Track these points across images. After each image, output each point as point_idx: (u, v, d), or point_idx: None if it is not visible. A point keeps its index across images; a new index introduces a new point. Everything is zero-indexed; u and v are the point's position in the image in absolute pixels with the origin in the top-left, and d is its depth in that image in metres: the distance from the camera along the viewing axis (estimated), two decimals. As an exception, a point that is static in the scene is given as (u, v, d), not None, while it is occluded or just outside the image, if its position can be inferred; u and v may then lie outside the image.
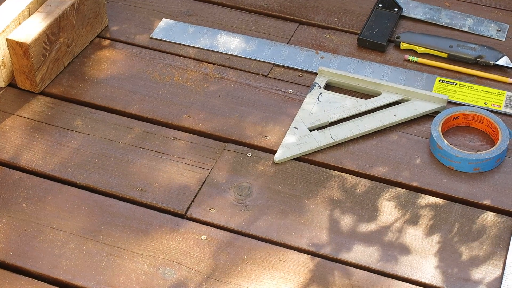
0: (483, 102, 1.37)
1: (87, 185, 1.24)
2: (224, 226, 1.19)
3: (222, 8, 1.59)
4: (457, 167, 1.25)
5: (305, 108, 1.35)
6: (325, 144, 1.29)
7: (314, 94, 1.37)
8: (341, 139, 1.30)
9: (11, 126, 1.34)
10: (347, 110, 1.34)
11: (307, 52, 1.48)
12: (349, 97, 1.36)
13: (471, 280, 1.11)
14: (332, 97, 1.36)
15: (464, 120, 1.32)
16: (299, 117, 1.33)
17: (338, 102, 1.35)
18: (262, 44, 1.49)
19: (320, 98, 1.36)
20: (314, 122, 1.32)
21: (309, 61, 1.46)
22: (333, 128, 1.31)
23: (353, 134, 1.30)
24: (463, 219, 1.19)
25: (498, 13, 1.57)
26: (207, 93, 1.39)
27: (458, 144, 1.29)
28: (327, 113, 1.34)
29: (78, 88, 1.41)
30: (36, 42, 1.34)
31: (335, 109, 1.34)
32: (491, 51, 1.44)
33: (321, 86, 1.38)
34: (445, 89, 1.39)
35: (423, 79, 1.41)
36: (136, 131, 1.33)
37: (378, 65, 1.44)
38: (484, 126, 1.31)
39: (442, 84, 1.40)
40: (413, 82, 1.41)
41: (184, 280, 1.11)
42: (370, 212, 1.20)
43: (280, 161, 1.27)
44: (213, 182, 1.25)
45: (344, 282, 1.11)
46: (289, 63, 1.45)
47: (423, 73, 1.43)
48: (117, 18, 1.56)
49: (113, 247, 1.15)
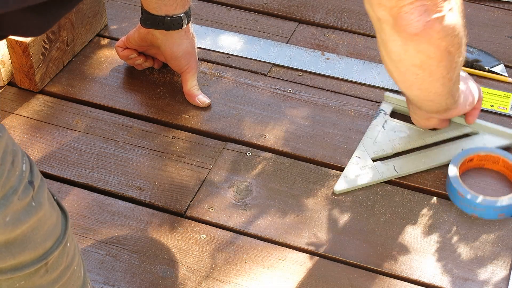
0: (489, 105, 1.36)
1: (86, 183, 1.24)
2: (224, 225, 1.19)
3: (222, 7, 1.59)
4: (481, 214, 1.19)
5: (370, 136, 1.29)
6: (388, 176, 1.24)
7: (379, 121, 1.32)
8: (405, 172, 1.25)
9: (10, 125, 1.34)
10: (413, 141, 1.28)
11: (312, 54, 1.47)
12: (415, 127, 1.30)
13: (470, 279, 1.11)
14: (398, 126, 1.31)
15: (479, 161, 1.25)
16: (363, 146, 1.28)
17: (404, 131, 1.30)
18: (266, 45, 1.48)
19: (385, 126, 1.31)
20: (377, 152, 1.27)
21: (314, 62, 1.45)
22: (396, 160, 1.26)
23: (418, 169, 1.25)
24: (462, 218, 1.19)
25: (498, 13, 1.57)
26: (207, 92, 1.39)
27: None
28: (391, 142, 1.28)
29: (77, 87, 1.41)
30: (35, 41, 1.34)
31: (400, 139, 1.28)
32: (488, 57, 1.44)
33: (386, 113, 1.33)
34: None
35: None
36: (135, 130, 1.33)
37: (383, 66, 1.43)
38: (500, 167, 1.25)
39: None
40: None
41: (184, 279, 1.11)
42: (369, 211, 1.20)
43: (341, 191, 1.22)
44: (213, 181, 1.25)
45: (343, 281, 1.11)
46: (294, 65, 1.45)
47: None
48: (116, 17, 1.56)
49: (112, 246, 1.15)
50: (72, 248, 0.86)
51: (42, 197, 0.79)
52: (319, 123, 1.34)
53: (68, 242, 0.84)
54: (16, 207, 0.76)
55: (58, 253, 0.82)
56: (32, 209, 0.78)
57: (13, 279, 0.80)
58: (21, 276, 0.80)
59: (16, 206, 0.76)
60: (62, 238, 0.83)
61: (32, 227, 0.78)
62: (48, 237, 0.81)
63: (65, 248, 0.84)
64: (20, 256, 0.78)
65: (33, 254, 0.80)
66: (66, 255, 0.84)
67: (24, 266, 0.79)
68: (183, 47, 1.33)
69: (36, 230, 0.79)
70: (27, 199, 0.77)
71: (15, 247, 0.77)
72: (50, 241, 0.81)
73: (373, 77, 1.42)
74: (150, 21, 1.31)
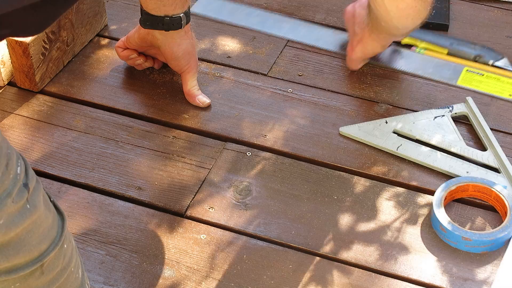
0: (508, 94, 1.36)
1: (86, 184, 1.24)
2: (224, 225, 1.19)
3: (222, 7, 1.59)
4: (468, 249, 1.15)
5: (415, 116, 1.31)
6: (386, 148, 1.27)
7: (438, 112, 1.32)
8: (403, 154, 1.26)
9: (10, 125, 1.34)
10: (441, 142, 1.28)
11: (339, 36, 1.49)
12: (457, 134, 1.29)
13: (470, 279, 1.11)
14: (447, 125, 1.30)
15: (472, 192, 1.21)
16: (401, 117, 1.30)
17: (445, 132, 1.29)
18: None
19: (438, 119, 1.31)
20: (405, 128, 1.29)
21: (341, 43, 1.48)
22: (407, 143, 1.27)
23: (417, 159, 1.26)
24: (462, 218, 1.19)
25: (498, 13, 1.57)
26: (207, 92, 1.39)
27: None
28: (426, 132, 1.29)
29: (77, 87, 1.41)
30: (35, 41, 1.34)
31: (434, 134, 1.29)
32: (491, 52, 1.44)
33: (451, 111, 1.33)
34: (471, 79, 1.38)
35: (450, 69, 1.42)
36: (135, 130, 1.33)
37: (406, 52, 1.45)
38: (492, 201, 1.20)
39: (469, 74, 1.39)
40: (441, 71, 1.41)
41: (184, 279, 1.11)
42: (370, 212, 1.20)
43: (343, 133, 1.29)
44: (213, 181, 1.25)
45: (343, 281, 1.11)
46: (320, 44, 1.48)
47: (451, 62, 1.43)
48: (116, 17, 1.56)
49: (112, 246, 1.15)
50: (70, 249, 0.85)
51: (37, 199, 0.79)
52: (319, 123, 1.34)
53: (65, 243, 0.84)
54: (10, 210, 0.75)
55: (54, 254, 0.82)
56: (26, 212, 0.77)
57: (8, 281, 0.79)
58: (16, 278, 0.79)
59: (10, 209, 0.75)
60: (58, 240, 0.82)
61: (27, 230, 0.78)
62: (43, 239, 0.80)
63: (62, 250, 0.83)
64: (14, 258, 0.78)
65: (28, 256, 0.79)
66: (63, 256, 0.84)
67: (19, 269, 0.79)
68: (183, 47, 1.33)
69: (31, 233, 0.78)
70: (22, 201, 0.77)
71: (9, 250, 0.77)
72: (46, 243, 0.81)
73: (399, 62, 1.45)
74: (150, 21, 1.31)
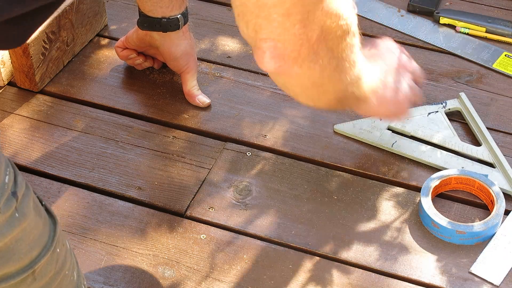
0: None
1: (86, 183, 1.24)
2: (224, 225, 1.19)
3: (221, 7, 1.59)
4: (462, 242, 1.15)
5: (410, 113, 1.27)
6: (381, 145, 1.28)
7: (432, 108, 1.32)
8: (398, 151, 1.26)
9: (10, 125, 1.34)
10: (437, 138, 1.28)
11: (389, 9, 1.56)
12: (451, 129, 1.29)
13: (470, 279, 1.11)
14: (441, 121, 1.30)
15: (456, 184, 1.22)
16: None
17: (439, 128, 1.29)
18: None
19: (431, 115, 1.31)
20: (399, 125, 1.29)
21: (389, 17, 1.55)
22: (402, 139, 1.28)
23: (411, 155, 1.26)
24: (462, 218, 1.19)
25: (498, 12, 1.57)
26: (207, 92, 1.39)
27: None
28: (419, 128, 1.29)
29: (77, 87, 1.41)
30: (35, 41, 1.34)
31: (428, 130, 1.29)
32: (503, 21, 1.49)
33: (445, 107, 1.32)
34: (507, 64, 1.40)
35: (490, 51, 1.44)
36: (135, 130, 1.33)
37: (448, 31, 1.50)
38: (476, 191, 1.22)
39: (507, 58, 1.41)
40: (480, 53, 1.44)
41: (184, 279, 1.11)
42: (369, 212, 1.20)
43: (337, 130, 1.30)
44: (213, 181, 1.25)
45: (343, 281, 1.11)
46: (369, 16, 1.54)
47: (491, 45, 1.46)
48: (116, 17, 1.56)
49: (112, 246, 1.15)
50: (63, 253, 0.84)
51: (26, 206, 0.77)
52: (319, 123, 1.34)
53: (57, 247, 0.82)
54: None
55: (46, 260, 0.80)
56: (15, 221, 0.76)
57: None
58: (7, 286, 0.78)
59: None
60: (50, 245, 0.81)
61: (16, 239, 0.76)
62: (34, 246, 0.79)
63: (54, 254, 0.82)
64: (4, 268, 0.76)
65: (18, 264, 0.78)
66: (55, 261, 0.82)
67: (9, 277, 0.77)
68: (181, 48, 1.33)
69: (21, 241, 0.77)
70: (10, 211, 0.75)
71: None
72: (37, 249, 0.79)
73: (439, 39, 1.49)
74: (147, 23, 1.31)
